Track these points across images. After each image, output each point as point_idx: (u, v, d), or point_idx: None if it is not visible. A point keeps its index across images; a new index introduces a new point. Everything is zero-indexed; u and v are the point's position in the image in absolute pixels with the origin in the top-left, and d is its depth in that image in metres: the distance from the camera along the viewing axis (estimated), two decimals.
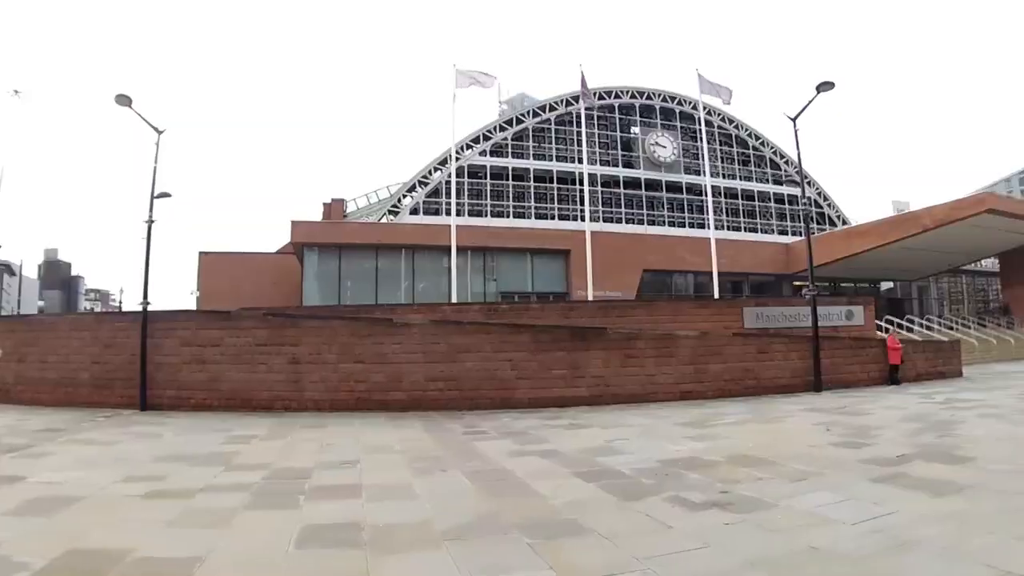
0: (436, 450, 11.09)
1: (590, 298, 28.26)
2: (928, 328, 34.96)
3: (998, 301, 48.34)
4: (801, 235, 44.04)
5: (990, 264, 49.52)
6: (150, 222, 19.03)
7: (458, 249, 33.73)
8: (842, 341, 20.94)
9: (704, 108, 46.70)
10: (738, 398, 18.13)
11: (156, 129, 19.24)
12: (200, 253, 39.67)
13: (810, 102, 20.71)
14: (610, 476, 8.41)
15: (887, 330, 30.15)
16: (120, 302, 68.81)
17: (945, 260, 43.15)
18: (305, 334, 17.88)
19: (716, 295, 29.84)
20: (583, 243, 30.86)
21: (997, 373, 23.74)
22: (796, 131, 21.41)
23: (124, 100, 18.62)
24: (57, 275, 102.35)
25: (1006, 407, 14.26)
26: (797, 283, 40.19)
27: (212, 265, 38.60)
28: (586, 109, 36.82)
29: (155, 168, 19.31)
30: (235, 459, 10.13)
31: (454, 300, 28.13)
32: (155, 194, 19.27)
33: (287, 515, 6.79)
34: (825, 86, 20.01)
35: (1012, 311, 43.29)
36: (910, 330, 32.49)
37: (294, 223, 33.88)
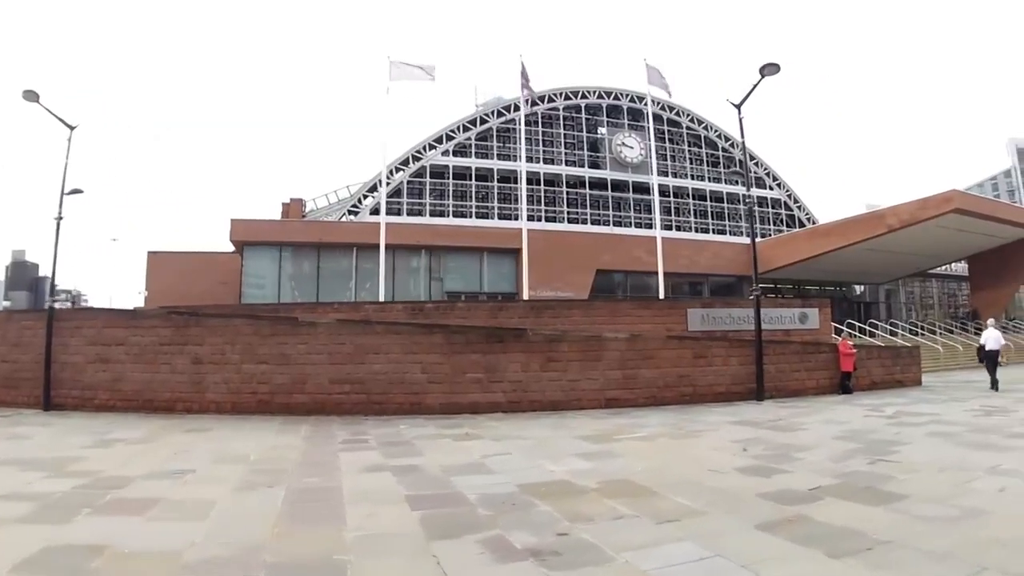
0: (290, 462, 9.67)
1: (525, 297, 26.08)
2: (892, 333, 32.68)
3: (968, 306, 46.02)
4: (769, 236, 42.25)
5: (960, 268, 47.29)
6: (59, 219, 17.90)
7: (401, 248, 31.90)
8: (789, 346, 18.70)
9: (673, 109, 45.15)
10: (670, 407, 16.11)
11: (68, 125, 18.14)
12: (148, 252, 37.80)
13: (755, 86, 18.59)
14: (448, 503, 7.04)
15: (850, 334, 28.00)
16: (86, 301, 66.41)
17: (913, 263, 40.99)
18: (208, 333, 16.41)
19: (662, 296, 27.45)
20: (534, 242, 28.95)
21: (959, 382, 21.51)
22: (740, 119, 19.43)
23: (32, 96, 17.40)
24: (24, 276, 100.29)
25: (959, 424, 12.07)
26: (760, 284, 38.19)
27: (160, 264, 36.64)
28: (531, 104, 34.91)
29: (66, 164, 18.18)
30: (71, 465, 9.10)
31: (382, 300, 25.67)
32: (66, 191, 18.34)
33: (46, 531, 5.93)
34: (769, 68, 17.92)
35: (981, 316, 41.02)
36: (873, 335, 30.16)
37: (234, 221, 31.83)
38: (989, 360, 19.30)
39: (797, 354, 18.46)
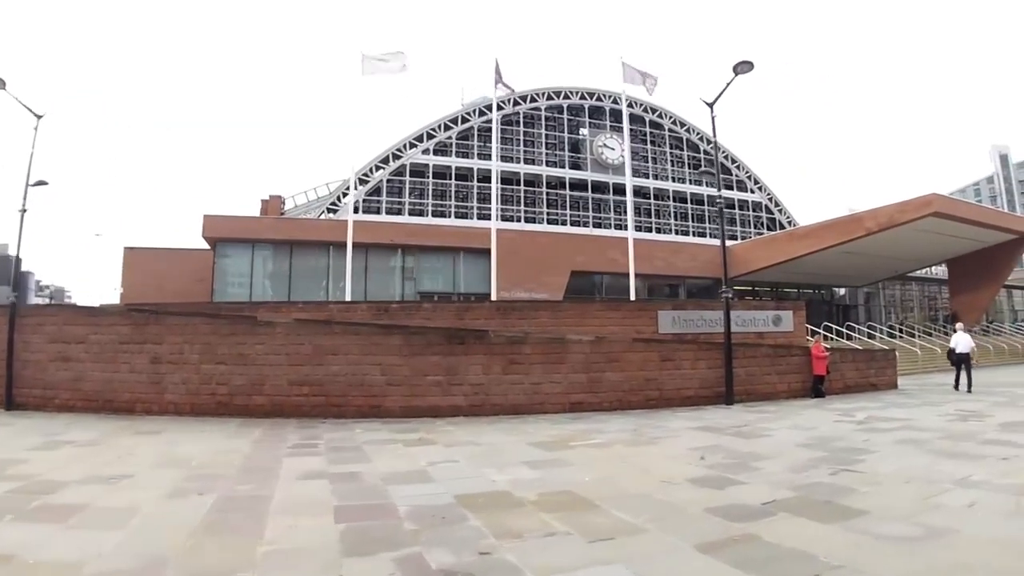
0: (232, 467, 9.12)
1: (494, 298, 25.19)
2: (871, 336, 32.02)
3: (948, 309, 45.46)
4: (750, 239, 41.61)
5: (941, 272, 46.76)
6: (23, 211, 17.43)
7: (375, 247, 31.15)
8: (759, 349, 17.95)
9: (656, 111, 44.63)
10: (636, 411, 15.42)
11: (35, 114, 17.61)
12: (124, 248, 36.75)
13: (728, 85, 17.94)
14: (375, 516, 6.50)
15: (825, 337, 27.35)
16: (71, 298, 65.52)
17: (893, 266, 40.38)
18: (167, 332, 15.61)
19: (633, 297, 26.65)
20: (507, 242, 28.15)
21: (936, 385, 20.82)
22: (712, 117, 18.75)
23: None
24: (6, 271, 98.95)
25: (932, 430, 11.38)
26: (737, 287, 37.46)
27: (136, 260, 35.60)
28: (513, 104, 34.16)
29: (32, 153, 17.58)
30: (10, 468, 8.65)
31: (349, 299, 24.85)
32: (31, 182, 17.81)
33: None
34: (742, 67, 17.27)
35: (960, 319, 40.46)
36: (850, 337, 29.47)
37: (206, 217, 30.87)
38: (961, 362, 19.43)
39: (768, 357, 17.72)
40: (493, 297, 25.47)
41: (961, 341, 19.90)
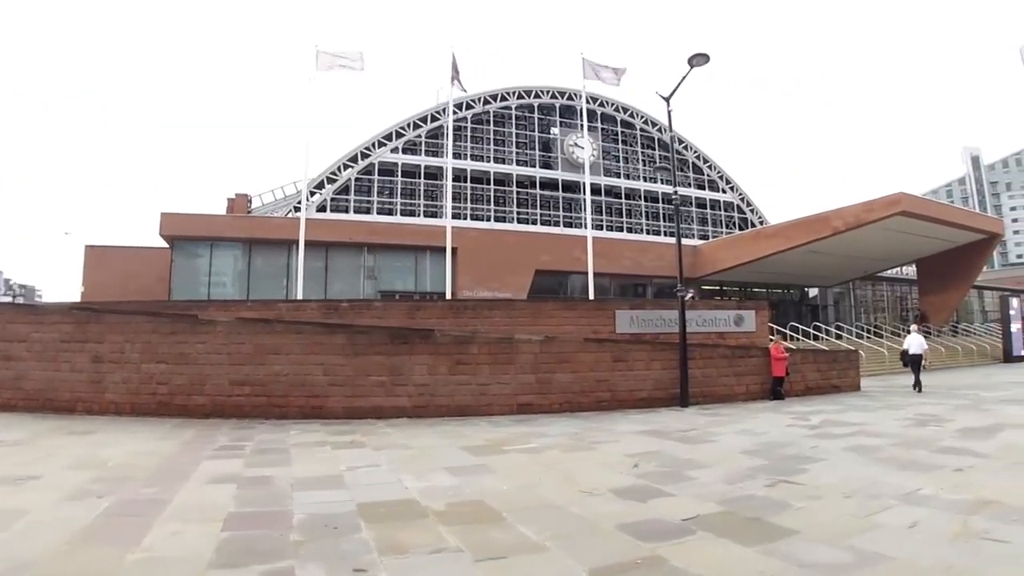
0: (146, 470, 8.51)
1: (448, 297, 24.51)
2: (838, 336, 31.43)
3: (918, 309, 45.00)
4: (721, 236, 40.97)
5: (911, 272, 46.28)
6: None
7: (337, 245, 30.24)
8: (716, 349, 17.24)
9: (628, 111, 43.91)
10: (586, 413, 14.73)
11: None
12: (86, 246, 35.64)
13: (684, 78, 17.42)
14: (266, 524, 5.97)
15: (789, 337, 26.67)
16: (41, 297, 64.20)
17: (861, 266, 39.84)
18: (109, 331, 14.90)
19: (592, 296, 25.88)
20: (471, 241, 27.19)
21: (900, 387, 20.19)
22: (669, 111, 18.30)
23: None
24: None
25: (886, 436, 10.65)
26: (706, 287, 36.85)
27: (98, 259, 34.49)
28: (484, 103, 33.33)
29: None
30: None
31: (301, 298, 23.97)
32: None
33: None
34: (698, 59, 16.74)
35: (929, 319, 40.06)
36: (817, 338, 28.82)
37: (163, 215, 29.81)
38: (913, 363, 19.69)
39: (726, 358, 17.00)
40: (448, 296, 24.61)
41: (914, 342, 20.09)
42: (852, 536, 5.39)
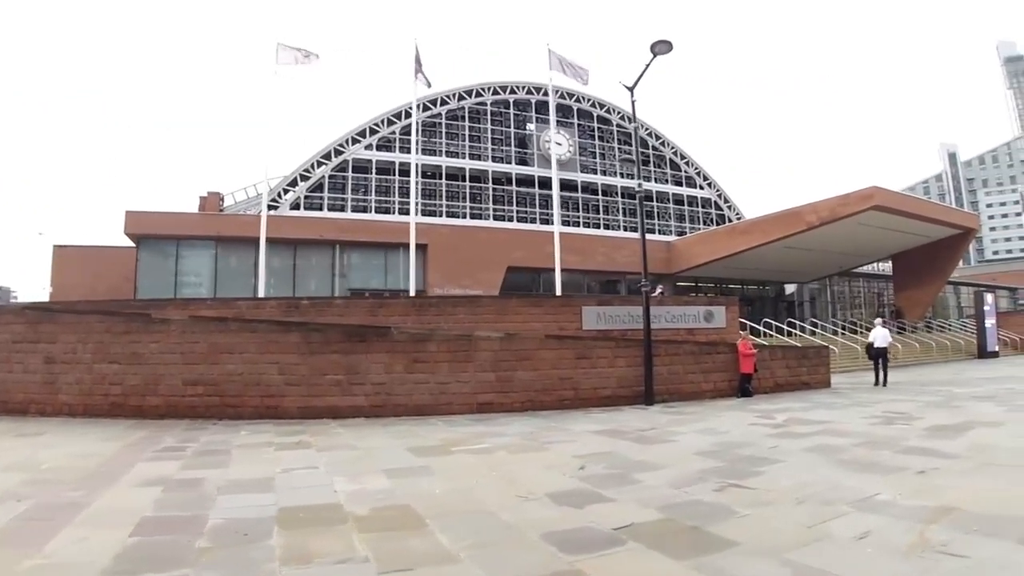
0: (80, 472, 8.17)
1: (412, 293, 23.89)
2: (813, 332, 31.04)
3: (893, 305, 44.77)
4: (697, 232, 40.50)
5: (888, 267, 46.10)
6: None
7: (306, 243, 29.63)
8: (683, 346, 16.77)
9: (604, 107, 43.47)
10: (548, 412, 14.25)
11: None
12: (54, 246, 34.82)
13: (647, 67, 16.80)
14: (177, 530, 5.67)
15: (765, 333, 26.26)
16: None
17: (836, 261, 39.54)
18: (62, 331, 14.46)
19: (559, 293, 25.33)
20: (442, 237, 26.64)
21: (871, 384, 19.67)
22: (632, 101, 17.76)
23: None
24: None
25: (851, 435, 10.13)
26: (681, 283, 36.40)
27: (67, 259, 33.69)
28: (459, 99, 32.76)
29: None
30: None
31: (262, 296, 23.34)
32: None
33: None
34: (660, 47, 16.16)
35: (904, 314, 39.83)
36: (791, 334, 28.39)
37: (128, 213, 29.03)
38: (880, 357, 19.83)
39: (692, 355, 16.52)
40: (414, 294, 23.99)
41: (879, 336, 20.26)
42: (795, 548, 4.89)
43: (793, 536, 5.23)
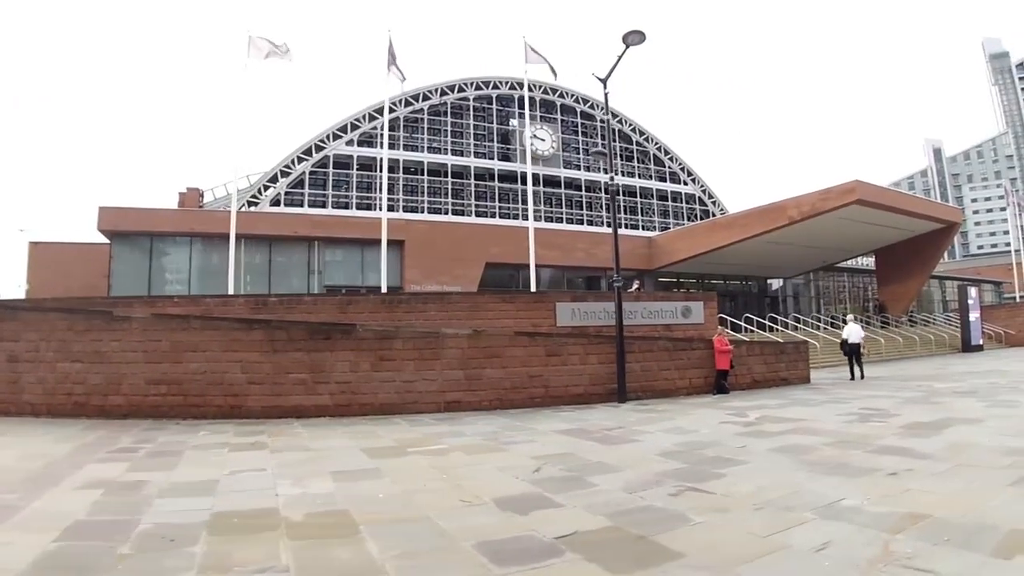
0: (23, 474, 7.85)
1: (383, 290, 23.40)
2: (795, 328, 30.66)
3: (877, 299, 44.47)
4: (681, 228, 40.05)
5: (871, 262, 45.75)
6: None
7: (281, 240, 29.16)
8: (657, 342, 16.34)
9: (588, 102, 43.07)
10: (517, 411, 13.87)
11: None
12: (30, 243, 34.29)
13: (620, 58, 16.23)
14: (105, 535, 5.34)
15: (744, 329, 25.87)
16: None
17: (819, 256, 39.14)
18: (25, 329, 14.05)
19: (533, 288, 24.89)
20: (419, 233, 26.27)
21: (851, 379, 19.26)
22: (605, 93, 17.08)
23: None
24: None
25: (824, 434, 9.68)
26: (662, 278, 35.95)
27: (42, 256, 33.15)
28: (441, 95, 32.27)
29: None
30: None
31: (231, 292, 22.77)
32: None
33: None
34: (632, 37, 15.60)
35: (888, 309, 39.51)
36: (772, 329, 27.98)
37: (101, 209, 28.30)
38: (852, 352, 19.99)
39: (667, 351, 16.09)
40: (384, 289, 23.51)
41: (853, 332, 20.32)
42: (745, 562, 4.45)
43: (745, 547, 4.80)
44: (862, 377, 19.10)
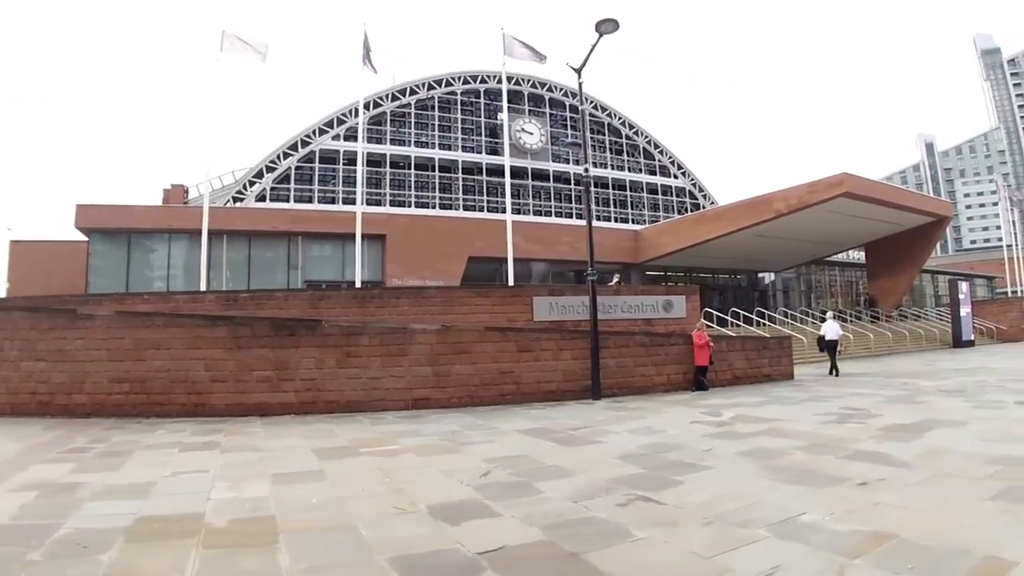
0: None
1: (358, 285, 22.89)
2: (783, 322, 30.09)
3: (867, 293, 43.93)
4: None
5: (862, 256, 45.24)
6: None
7: (261, 235, 28.58)
8: (633, 338, 15.80)
9: (575, 96, 42.21)
10: (486, 408, 13.44)
11: None
12: (10, 241, 33.71)
13: (593, 47, 15.83)
14: (21, 540, 5.07)
15: (729, 323, 25.32)
16: None
17: (808, 250, 38.62)
18: None
19: (511, 283, 24.34)
20: (401, 227, 26.03)
21: (834, 376, 18.76)
22: (580, 83, 16.97)
23: None
24: None
25: (796, 436, 9.16)
26: (649, 272, 35.39)
27: (24, 254, 32.49)
28: (428, 88, 31.73)
29: None
30: None
31: (203, 289, 22.28)
32: None
33: None
34: (605, 26, 15.06)
35: (878, 303, 39.00)
36: (759, 324, 27.41)
37: (79, 207, 27.91)
38: (829, 349, 20.19)
39: (643, 347, 15.54)
40: (358, 284, 22.99)
41: (830, 329, 20.45)
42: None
43: (682, 570, 4.31)
44: (837, 375, 18.97)
